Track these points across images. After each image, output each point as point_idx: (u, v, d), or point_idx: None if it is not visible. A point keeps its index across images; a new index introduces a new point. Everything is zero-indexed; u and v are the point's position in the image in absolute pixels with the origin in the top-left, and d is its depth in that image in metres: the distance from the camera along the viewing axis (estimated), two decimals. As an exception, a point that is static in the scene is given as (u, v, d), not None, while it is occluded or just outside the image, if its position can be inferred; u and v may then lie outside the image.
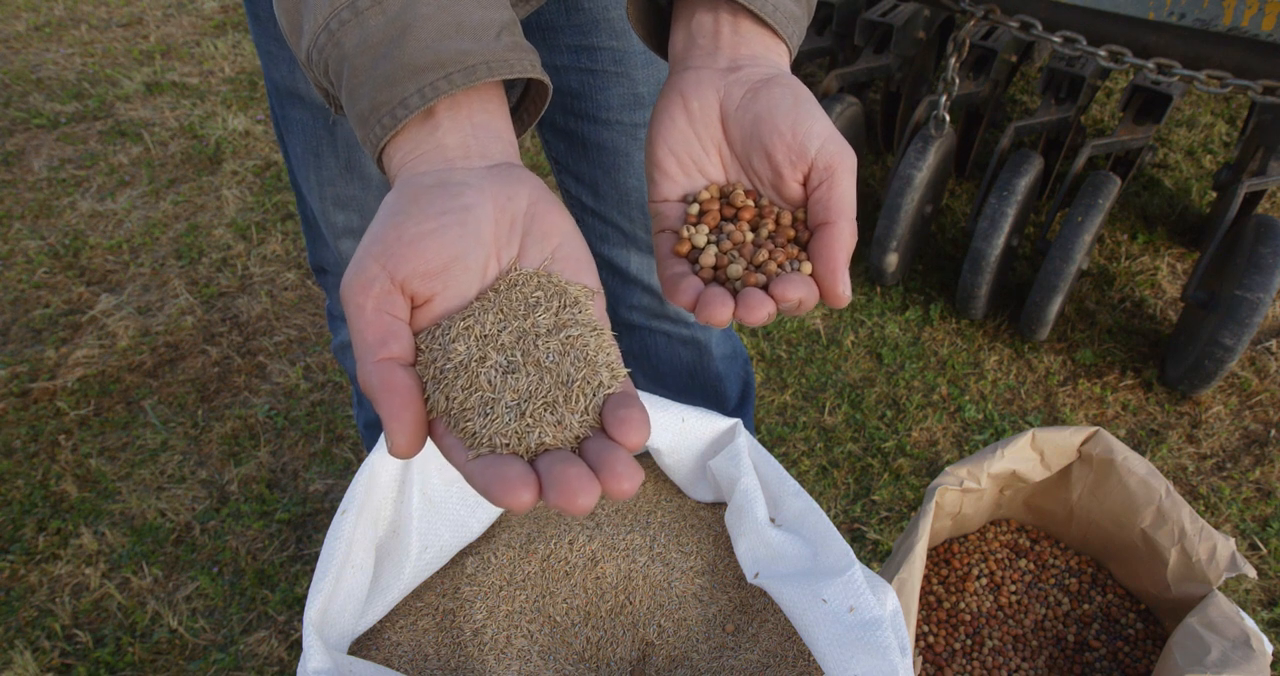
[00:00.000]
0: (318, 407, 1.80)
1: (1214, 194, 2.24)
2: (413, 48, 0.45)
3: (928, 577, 1.06)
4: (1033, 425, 1.74)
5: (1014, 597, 1.03)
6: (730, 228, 0.51)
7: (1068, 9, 1.52)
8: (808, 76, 2.59)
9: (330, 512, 1.61)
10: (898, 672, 0.60)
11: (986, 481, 0.98)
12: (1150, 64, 1.47)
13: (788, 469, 1.33)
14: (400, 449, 0.40)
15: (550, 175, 2.17)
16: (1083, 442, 1.00)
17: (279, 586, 1.50)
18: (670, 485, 0.82)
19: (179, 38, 3.11)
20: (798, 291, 0.46)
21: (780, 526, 0.70)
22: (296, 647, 1.42)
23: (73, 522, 1.59)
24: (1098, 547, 1.05)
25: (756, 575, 0.69)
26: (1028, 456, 1.00)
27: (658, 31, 0.59)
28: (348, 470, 1.68)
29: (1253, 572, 0.91)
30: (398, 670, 0.69)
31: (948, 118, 1.76)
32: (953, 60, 1.68)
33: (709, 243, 0.50)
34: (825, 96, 2.01)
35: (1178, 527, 0.94)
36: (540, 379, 0.42)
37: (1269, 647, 0.83)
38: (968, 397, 1.80)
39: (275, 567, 1.52)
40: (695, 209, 0.52)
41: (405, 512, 0.72)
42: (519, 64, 0.47)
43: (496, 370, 0.42)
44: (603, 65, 0.88)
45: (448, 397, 0.42)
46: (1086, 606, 1.03)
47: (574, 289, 0.46)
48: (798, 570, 0.67)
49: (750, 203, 0.52)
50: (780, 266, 0.48)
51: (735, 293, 0.47)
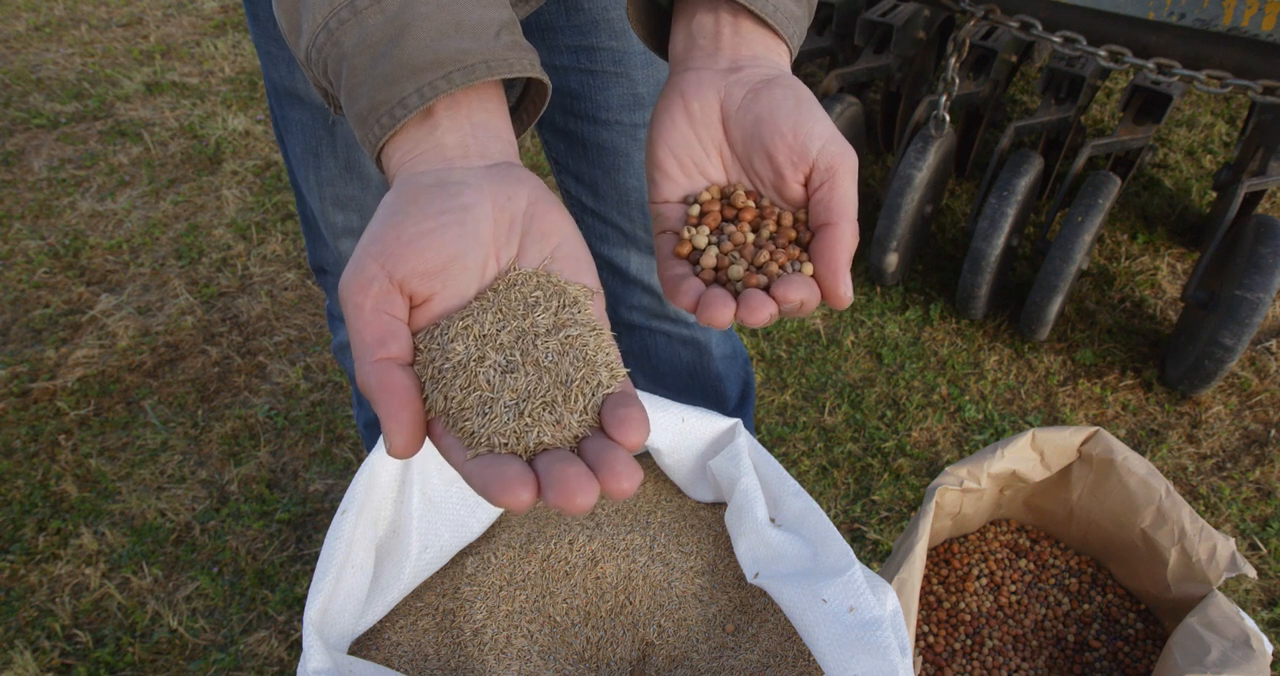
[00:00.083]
0: (318, 407, 1.80)
1: (1214, 194, 2.24)
2: (411, 47, 0.45)
3: (928, 577, 1.06)
4: (1033, 425, 1.74)
5: (1014, 597, 1.03)
6: (731, 229, 0.50)
7: (1068, 9, 1.52)
8: (808, 76, 2.59)
9: (330, 512, 1.61)
10: (898, 672, 0.60)
11: (986, 481, 0.98)
12: (1150, 64, 1.46)
13: (788, 469, 1.33)
14: (398, 449, 0.40)
15: (550, 175, 2.17)
16: (1083, 442, 1.00)
17: (279, 586, 1.50)
18: (670, 485, 0.82)
19: (179, 38, 3.11)
20: (799, 292, 0.46)
21: (780, 526, 0.70)
22: (296, 647, 1.42)
23: (73, 522, 1.59)
24: (1098, 547, 1.05)
25: (756, 575, 0.69)
26: (1028, 456, 1.00)
27: (658, 32, 0.59)
28: (348, 470, 1.68)
29: (1253, 572, 0.91)
30: (398, 670, 0.69)
31: (948, 118, 1.76)
32: (953, 60, 1.68)
33: (710, 244, 0.50)
34: (825, 96, 2.01)
35: (1178, 527, 0.94)
36: (539, 378, 0.42)
37: (1269, 647, 0.83)
38: (968, 397, 1.80)
39: (275, 567, 1.52)
40: (696, 210, 0.51)
41: (405, 512, 0.71)
42: (518, 63, 0.47)
43: (495, 370, 0.42)
44: (602, 65, 0.88)
45: (446, 397, 0.42)
46: (1086, 606, 1.03)
47: (573, 289, 0.46)
48: (798, 570, 0.67)
49: (751, 204, 0.51)
50: (782, 267, 0.48)
51: (736, 294, 0.47)
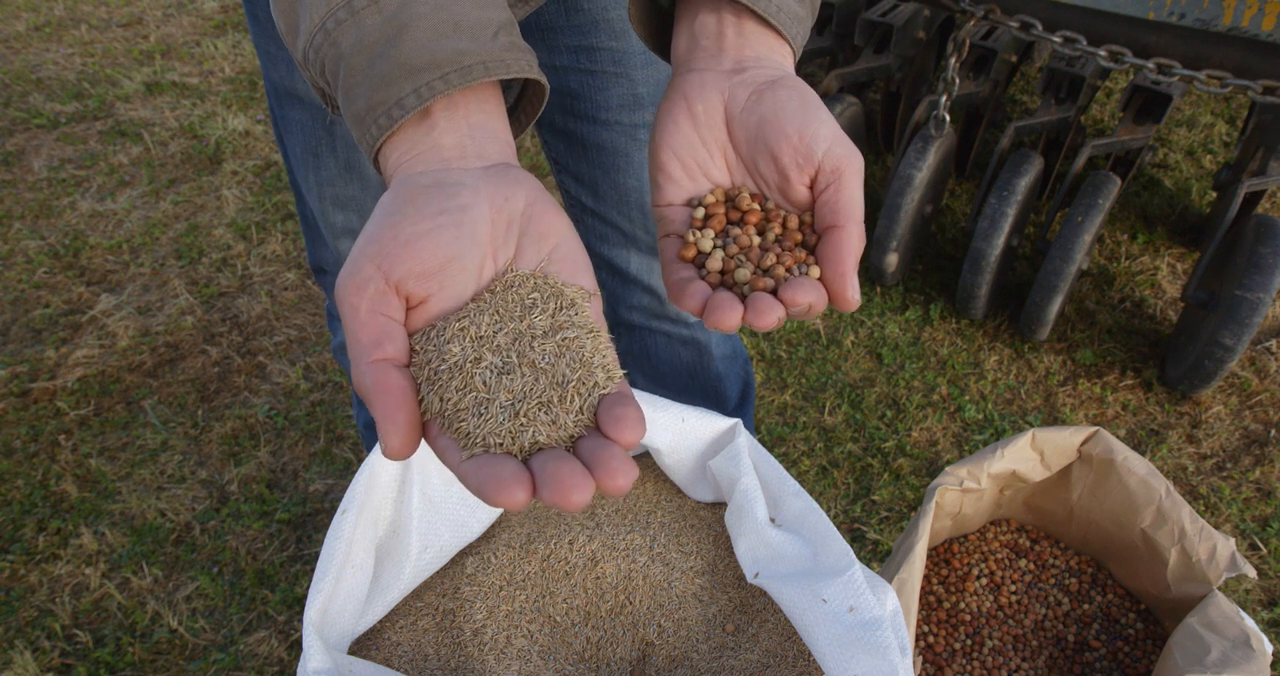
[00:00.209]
0: (318, 407, 1.80)
1: (1214, 194, 2.24)
2: (409, 47, 0.44)
3: (928, 577, 1.06)
4: (1033, 425, 1.74)
5: (1014, 597, 1.03)
6: (736, 231, 0.50)
7: (1068, 9, 1.52)
8: (808, 76, 2.59)
9: (330, 512, 1.61)
10: (898, 672, 0.60)
11: (986, 481, 0.98)
12: (1150, 64, 1.46)
13: (788, 469, 1.33)
14: (394, 450, 0.40)
15: (550, 175, 2.17)
16: (1083, 442, 1.00)
17: (279, 586, 1.50)
18: (670, 485, 0.82)
19: (179, 38, 3.11)
20: (807, 296, 0.46)
21: (780, 526, 0.70)
22: (296, 647, 1.42)
23: (73, 522, 1.59)
24: (1098, 547, 1.05)
25: (756, 575, 0.69)
26: (1028, 456, 1.00)
27: (660, 33, 0.59)
28: (348, 470, 1.68)
29: (1253, 572, 0.91)
30: (398, 670, 0.69)
31: (948, 118, 1.76)
32: (953, 60, 1.68)
33: (715, 247, 0.50)
34: (825, 96, 2.01)
35: (1178, 527, 0.94)
36: (535, 379, 0.42)
37: (1269, 647, 0.83)
38: (968, 397, 1.80)
39: (275, 567, 1.52)
40: (700, 213, 0.51)
41: (405, 512, 0.71)
42: (516, 64, 0.47)
43: (491, 371, 0.42)
44: (602, 66, 0.88)
45: (442, 399, 0.42)
46: (1086, 606, 1.03)
47: (570, 290, 0.46)
48: (798, 570, 0.67)
49: (756, 206, 0.51)
50: (788, 270, 0.48)
51: (743, 297, 0.47)
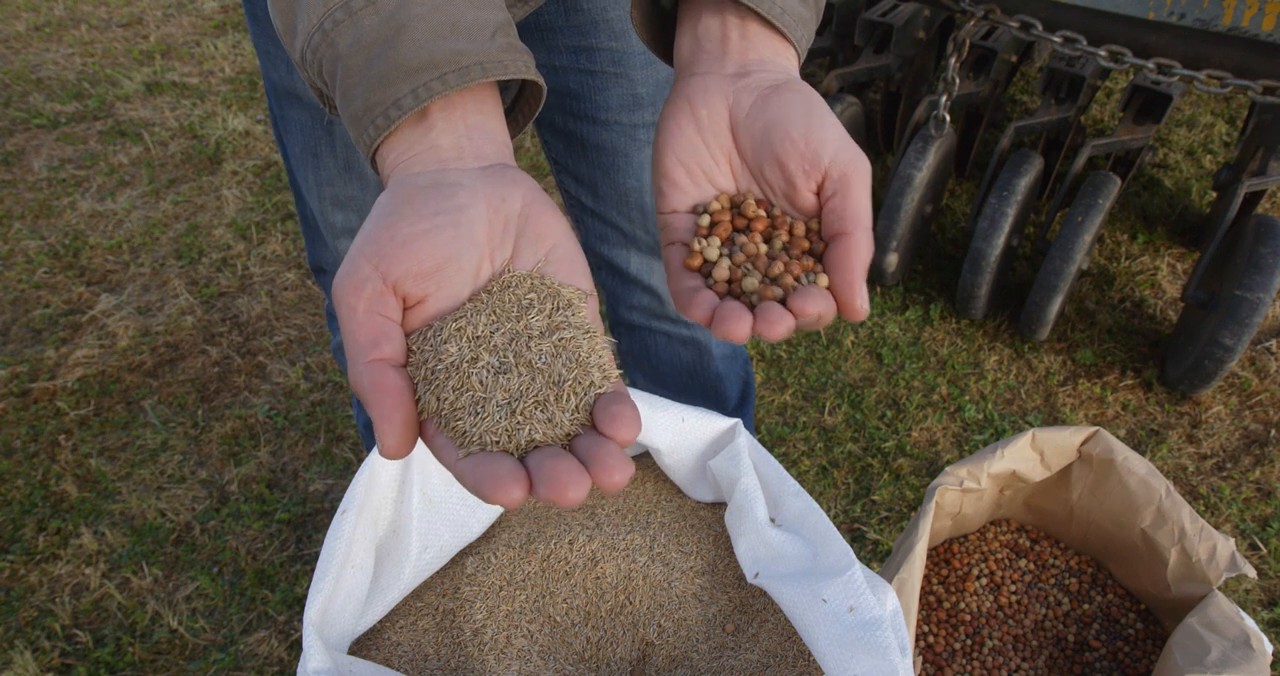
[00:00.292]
0: (318, 407, 1.80)
1: (1214, 194, 2.23)
2: (407, 48, 0.44)
3: (928, 577, 1.06)
4: (1033, 425, 1.74)
5: (1014, 597, 1.03)
6: (743, 239, 0.49)
7: (1068, 9, 1.52)
8: (809, 76, 2.59)
9: (330, 512, 1.61)
10: (898, 672, 0.60)
11: (986, 481, 0.98)
12: (1150, 64, 1.46)
13: (788, 469, 1.33)
14: (390, 450, 0.40)
15: (549, 175, 2.17)
16: (1083, 442, 1.00)
17: (279, 586, 1.50)
18: (670, 485, 0.82)
19: (179, 38, 3.12)
20: (817, 306, 0.45)
21: (780, 526, 0.70)
22: (296, 647, 1.42)
23: (73, 522, 1.59)
24: (1098, 547, 1.05)
25: (756, 575, 0.69)
26: (1028, 456, 1.00)
27: (662, 36, 0.58)
28: (348, 470, 1.68)
29: (1253, 572, 0.91)
30: (398, 670, 0.69)
31: (948, 118, 1.76)
32: (953, 60, 1.68)
33: (722, 255, 0.49)
34: (825, 96, 2.01)
35: (1178, 527, 0.94)
36: (532, 379, 0.42)
37: (1269, 647, 0.83)
38: (968, 397, 1.80)
39: (275, 567, 1.52)
40: (706, 220, 0.50)
41: (405, 512, 0.71)
42: (513, 65, 0.47)
43: (488, 371, 0.42)
44: (601, 66, 0.88)
45: (439, 398, 0.42)
46: (1086, 606, 1.03)
47: (567, 291, 0.46)
48: (798, 570, 0.67)
49: (762, 213, 0.50)
50: (796, 279, 0.47)
51: (751, 306, 0.46)
